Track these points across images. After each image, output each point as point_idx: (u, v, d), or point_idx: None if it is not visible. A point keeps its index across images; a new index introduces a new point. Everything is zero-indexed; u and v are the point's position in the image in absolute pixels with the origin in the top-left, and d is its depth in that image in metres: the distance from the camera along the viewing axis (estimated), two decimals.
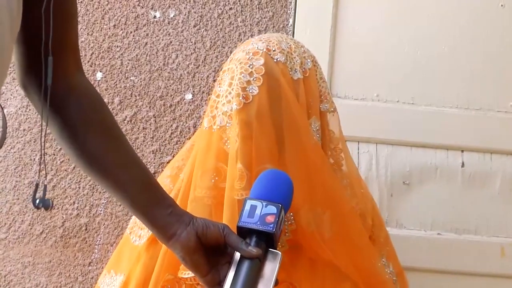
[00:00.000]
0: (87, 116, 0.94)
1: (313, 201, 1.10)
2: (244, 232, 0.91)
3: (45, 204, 0.86)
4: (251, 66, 1.09)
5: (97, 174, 0.95)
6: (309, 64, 1.17)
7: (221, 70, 1.17)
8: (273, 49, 1.12)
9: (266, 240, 0.90)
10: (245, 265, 0.88)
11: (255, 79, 1.08)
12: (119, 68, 1.67)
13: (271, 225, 0.89)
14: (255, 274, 0.88)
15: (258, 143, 1.07)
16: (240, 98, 1.07)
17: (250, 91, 1.08)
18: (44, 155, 0.88)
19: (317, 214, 1.09)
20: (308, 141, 1.12)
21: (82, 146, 0.94)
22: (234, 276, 0.88)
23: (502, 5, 1.66)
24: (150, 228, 0.98)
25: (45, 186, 0.86)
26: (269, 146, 1.08)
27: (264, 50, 1.11)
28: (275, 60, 1.11)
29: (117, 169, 0.95)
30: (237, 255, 0.90)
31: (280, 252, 0.91)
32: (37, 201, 0.86)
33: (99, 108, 0.97)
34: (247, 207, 0.91)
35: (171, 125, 1.67)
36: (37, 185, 0.85)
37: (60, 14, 0.86)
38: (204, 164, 1.11)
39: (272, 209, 0.90)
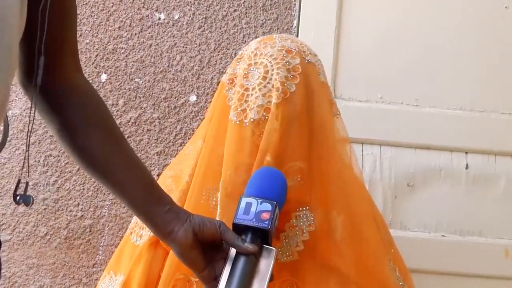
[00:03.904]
0: (87, 116, 0.96)
1: (329, 203, 1.10)
2: (239, 229, 0.93)
3: (25, 200, 0.86)
4: (288, 63, 1.09)
5: (97, 174, 0.97)
6: (324, 70, 1.19)
7: (241, 64, 1.15)
8: (303, 50, 1.13)
9: (261, 237, 0.92)
10: (241, 261, 0.90)
11: (292, 76, 1.08)
12: (124, 70, 1.67)
13: (267, 222, 0.91)
14: (251, 270, 0.90)
15: (293, 140, 1.07)
16: (279, 92, 1.07)
17: (288, 87, 1.08)
18: (28, 152, 0.89)
19: (332, 217, 1.09)
20: (333, 144, 1.13)
21: (82, 146, 0.95)
22: (230, 272, 0.90)
23: (506, 7, 1.66)
24: (147, 226, 1.00)
25: (27, 183, 0.87)
26: (302, 145, 1.08)
27: (297, 50, 1.12)
28: (306, 61, 1.12)
29: (116, 169, 0.96)
30: (233, 251, 0.92)
31: (274, 249, 0.92)
32: (18, 197, 0.86)
33: (99, 108, 0.98)
34: (243, 204, 0.93)
35: (176, 127, 1.67)
36: (18, 182, 0.86)
37: (59, 15, 0.87)
38: (235, 159, 1.09)
39: (267, 206, 0.92)
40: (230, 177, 1.08)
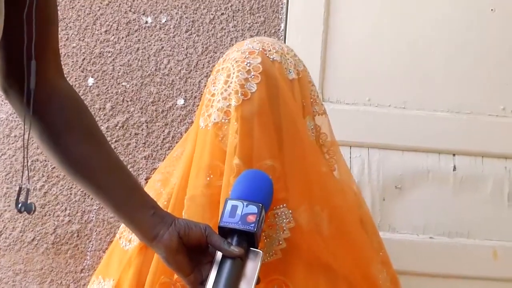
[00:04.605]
0: (69, 120, 0.95)
1: (311, 199, 1.10)
2: (225, 232, 0.93)
3: (27, 208, 0.86)
4: (248, 65, 1.09)
5: (80, 178, 0.96)
6: (301, 66, 1.19)
7: (213, 70, 1.17)
8: (269, 49, 1.13)
9: (248, 240, 0.92)
10: (227, 264, 0.90)
11: (253, 76, 1.08)
12: (111, 74, 1.67)
13: (252, 225, 0.91)
14: (237, 273, 0.90)
15: (258, 139, 1.07)
16: (239, 94, 1.07)
17: (249, 88, 1.08)
18: (27, 158, 0.88)
19: (315, 212, 1.09)
20: (306, 139, 1.13)
21: (64, 151, 0.95)
22: (216, 275, 0.90)
23: (492, 10, 1.67)
24: (132, 230, 0.99)
25: (28, 190, 0.86)
26: (269, 143, 1.08)
27: (260, 49, 1.12)
28: (271, 59, 1.12)
29: (99, 173, 0.96)
30: (219, 254, 0.92)
31: (261, 251, 0.93)
32: (20, 205, 0.85)
33: (81, 111, 0.98)
34: (228, 207, 0.93)
35: (163, 131, 1.67)
36: (20, 189, 0.85)
37: (40, 18, 0.86)
38: (199, 162, 1.10)
39: (253, 208, 0.93)
40: (193, 180, 1.09)
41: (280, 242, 1.05)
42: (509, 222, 1.65)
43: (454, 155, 1.66)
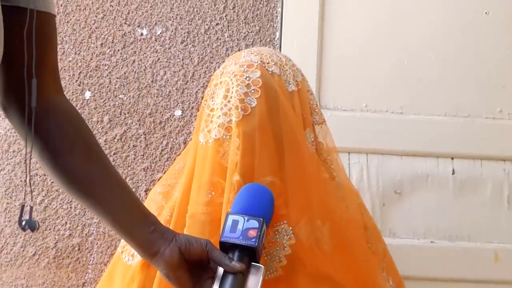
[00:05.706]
0: (68, 136, 0.95)
1: (312, 213, 1.09)
2: (226, 247, 0.93)
3: (31, 226, 0.86)
4: (247, 79, 1.08)
5: (79, 194, 0.96)
6: (299, 77, 1.18)
7: (210, 84, 1.16)
8: (267, 61, 1.11)
9: (249, 254, 0.92)
10: (229, 280, 0.89)
11: (252, 91, 1.07)
12: (108, 87, 1.67)
13: (254, 240, 0.91)
14: None
15: (259, 155, 1.06)
16: (239, 110, 1.06)
17: (248, 103, 1.06)
18: (29, 175, 0.88)
19: (316, 226, 1.08)
20: (306, 153, 1.12)
21: (63, 167, 0.94)
22: None
23: (486, 13, 1.68)
24: (132, 246, 0.99)
25: (31, 208, 0.86)
26: (270, 158, 1.07)
27: (259, 62, 1.10)
28: (270, 72, 1.10)
29: (99, 188, 0.95)
30: (221, 270, 0.91)
31: (262, 266, 0.92)
32: (23, 222, 0.85)
33: (80, 128, 0.98)
34: (229, 222, 0.93)
35: (161, 142, 1.67)
36: (23, 207, 0.85)
37: (39, 36, 0.86)
38: (200, 178, 1.09)
39: (254, 223, 0.92)
40: (194, 198, 1.08)
41: (281, 259, 1.04)
42: (509, 224, 1.65)
43: (452, 158, 1.66)
